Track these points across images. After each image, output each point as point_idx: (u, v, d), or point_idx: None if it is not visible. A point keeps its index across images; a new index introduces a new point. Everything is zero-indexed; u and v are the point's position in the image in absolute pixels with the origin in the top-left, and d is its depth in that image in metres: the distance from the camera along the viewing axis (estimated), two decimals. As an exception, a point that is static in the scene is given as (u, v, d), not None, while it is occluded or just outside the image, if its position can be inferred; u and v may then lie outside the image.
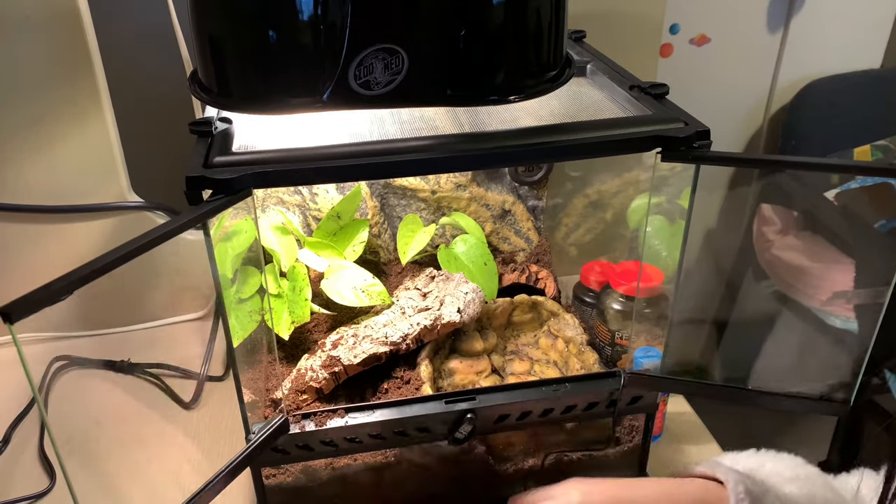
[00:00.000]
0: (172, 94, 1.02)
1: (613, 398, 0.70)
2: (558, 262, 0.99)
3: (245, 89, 0.55)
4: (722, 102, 1.70)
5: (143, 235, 0.46)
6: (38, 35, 0.84)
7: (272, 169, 0.53)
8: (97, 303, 1.00)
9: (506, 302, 0.83)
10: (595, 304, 0.88)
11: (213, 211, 0.50)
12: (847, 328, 1.41)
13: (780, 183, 1.63)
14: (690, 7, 1.56)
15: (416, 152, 0.55)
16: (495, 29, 0.54)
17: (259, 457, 0.64)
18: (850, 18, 1.67)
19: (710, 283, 1.73)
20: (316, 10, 0.51)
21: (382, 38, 0.52)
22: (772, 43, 1.67)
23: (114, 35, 0.95)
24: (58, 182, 0.93)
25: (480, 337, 0.80)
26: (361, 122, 0.61)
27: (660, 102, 0.63)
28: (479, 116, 0.62)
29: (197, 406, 0.90)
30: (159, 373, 0.95)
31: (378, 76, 0.53)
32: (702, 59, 1.63)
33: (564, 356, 0.81)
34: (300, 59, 0.53)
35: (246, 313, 0.70)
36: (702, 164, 0.57)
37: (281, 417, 0.65)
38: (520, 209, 0.96)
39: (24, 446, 0.84)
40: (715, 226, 1.82)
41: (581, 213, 1.01)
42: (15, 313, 0.39)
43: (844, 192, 1.50)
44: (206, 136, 0.57)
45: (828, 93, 1.68)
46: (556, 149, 0.58)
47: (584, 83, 0.72)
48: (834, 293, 1.41)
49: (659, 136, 0.57)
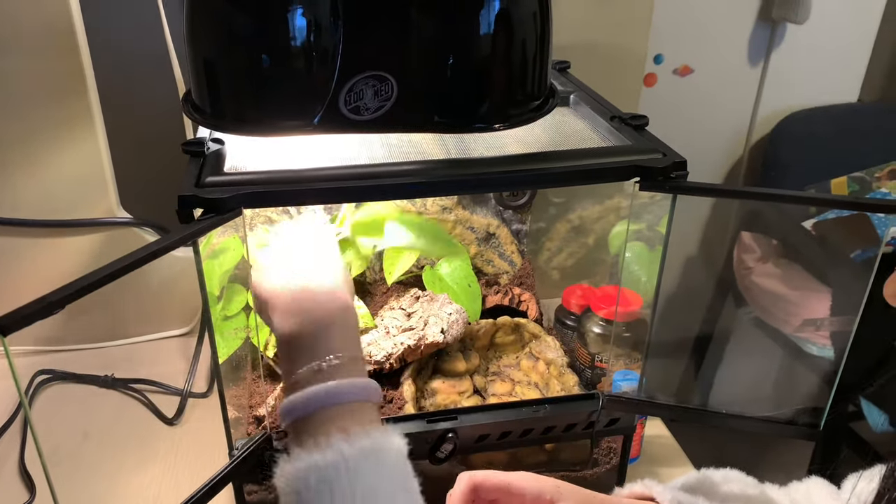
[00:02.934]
0: (163, 113, 1.03)
1: (591, 420, 0.71)
2: (541, 285, 1.01)
3: (238, 111, 0.57)
4: (704, 132, 1.74)
5: (137, 251, 0.47)
6: (32, 51, 0.86)
7: (263, 190, 0.54)
8: (81, 317, 1.00)
9: (489, 323, 0.85)
10: (576, 328, 0.89)
11: (204, 229, 0.52)
12: (823, 355, 1.44)
13: (759, 211, 1.66)
14: (674, 38, 1.60)
15: (404, 176, 0.57)
16: (482, 59, 0.56)
17: (242, 473, 0.65)
18: (829, 53, 1.72)
19: (690, 309, 1.75)
20: (309, 37, 0.53)
21: (373, 66, 0.54)
22: (753, 75, 1.71)
23: (108, 53, 0.96)
24: (47, 196, 0.93)
25: (463, 357, 0.82)
26: (351, 146, 0.62)
27: (639, 133, 0.65)
28: (466, 142, 0.64)
29: (180, 422, 0.91)
30: (142, 388, 0.95)
31: (368, 102, 0.55)
32: (685, 90, 1.66)
33: (545, 378, 0.82)
34: (293, 83, 0.54)
35: (231, 330, 0.71)
36: (678, 195, 0.59)
37: (264, 434, 0.66)
38: (504, 233, 0.98)
39: (4, 461, 0.84)
40: (696, 252, 1.85)
41: (563, 238, 1.03)
42: (8, 326, 0.40)
43: (821, 223, 1.53)
44: (198, 156, 0.59)
45: (807, 125, 1.72)
46: (539, 176, 0.60)
47: (567, 113, 0.74)
48: (804, 320, 1.43)
49: (637, 166, 0.59)
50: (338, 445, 0.45)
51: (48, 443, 0.86)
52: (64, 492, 0.48)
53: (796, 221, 1.56)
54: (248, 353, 0.71)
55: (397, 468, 0.47)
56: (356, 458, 0.45)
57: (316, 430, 0.48)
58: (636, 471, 0.84)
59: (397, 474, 0.47)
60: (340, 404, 0.49)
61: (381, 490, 0.45)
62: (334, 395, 0.49)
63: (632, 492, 0.61)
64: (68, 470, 0.82)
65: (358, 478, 0.45)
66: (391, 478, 0.47)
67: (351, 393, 0.49)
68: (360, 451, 0.46)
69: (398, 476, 0.47)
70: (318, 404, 0.48)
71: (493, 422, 0.70)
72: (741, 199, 1.41)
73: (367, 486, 0.45)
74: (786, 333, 1.50)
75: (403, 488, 0.47)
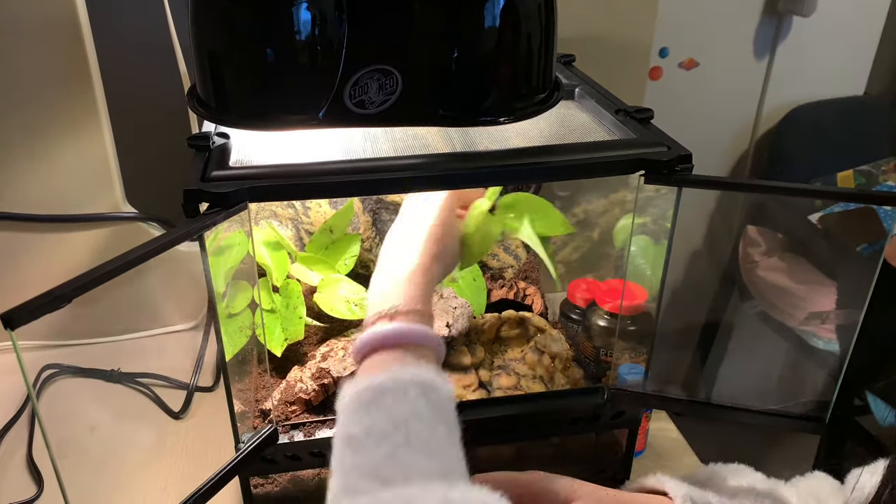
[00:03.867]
0: (168, 107, 1.03)
1: (597, 413, 0.71)
2: (546, 279, 1.01)
3: (243, 106, 0.57)
4: (710, 125, 1.73)
5: (143, 245, 0.47)
6: (37, 45, 0.86)
7: (268, 184, 0.54)
8: (87, 312, 1.01)
9: (494, 317, 0.85)
10: (581, 321, 0.89)
11: (210, 223, 0.52)
12: (829, 349, 1.44)
13: (765, 205, 1.66)
14: (680, 32, 1.59)
15: (409, 170, 0.57)
16: (487, 53, 0.56)
17: (248, 466, 0.65)
18: (835, 46, 1.71)
19: (695, 302, 1.75)
20: (314, 31, 0.53)
21: (378, 60, 0.54)
22: (758, 68, 1.70)
23: (113, 47, 0.96)
24: (53, 191, 0.94)
25: (468, 351, 0.82)
26: (355, 140, 0.62)
27: (644, 126, 0.65)
28: (470, 136, 0.64)
29: (186, 416, 0.91)
30: (149, 383, 0.95)
31: (373, 96, 0.55)
32: (690, 83, 1.66)
33: (550, 372, 0.82)
34: (297, 77, 0.54)
35: (236, 328, 0.71)
36: (683, 188, 0.59)
37: (270, 428, 0.66)
38: (509, 227, 0.97)
39: (12, 455, 0.84)
40: (701, 246, 1.84)
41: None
42: (16, 319, 0.40)
43: (828, 216, 1.53)
44: (203, 150, 0.59)
45: (813, 118, 1.72)
46: (544, 169, 0.60)
47: (572, 106, 0.74)
48: (810, 314, 1.43)
49: (642, 160, 0.59)
50: (393, 370, 0.48)
51: (55, 436, 0.87)
52: (72, 485, 0.48)
53: (802, 215, 1.55)
54: (255, 347, 0.71)
55: (443, 404, 0.49)
56: (406, 383, 0.47)
57: (378, 364, 0.51)
58: (641, 464, 0.84)
59: (443, 409, 0.48)
60: (403, 345, 0.52)
61: (425, 417, 0.46)
62: (399, 335, 0.52)
63: (642, 486, 0.61)
64: (76, 463, 0.82)
65: (405, 399, 0.47)
66: (437, 410, 0.48)
67: (414, 335, 0.52)
68: (412, 377, 0.48)
69: (443, 411, 0.48)
70: (383, 342, 0.52)
71: (498, 416, 0.70)
72: (746, 191, 1.40)
73: (411, 409, 0.46)
74: (791, 327, 1.50)
75: (445, 422, 0.48)
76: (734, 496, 0.60)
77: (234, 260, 0.63)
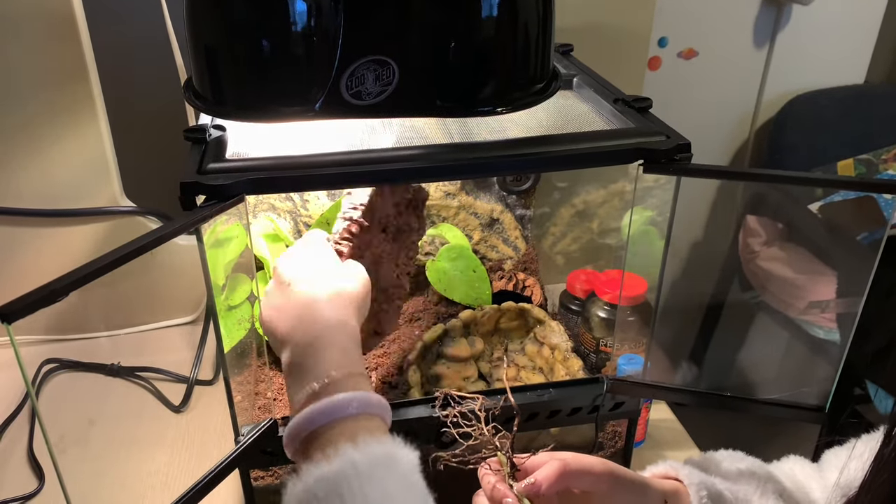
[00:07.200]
0: (165, 101, 1.03)
1: (596, 404, 0.71)
2: (545, 270, 1.01)
3: (239, 98, 0.57)
4: (709, 115, 1.73)
5: (140, 238, 0.47)
6: (34, 39, 0.85)
7: (265, 176, 0.54)
8: (87, 306, 1.01)
9: (493, 309, 0.85)
10: (580, 312, 0.89)
11: (207, 216, 0.52)
12: (829, 338, 1.44)
13: (765, 195, 1.65)
14: (678, 21, 1.58)
15: (406, 161, 0.56)
16: (484, 42, 0.56)
17: (248, 459, 0.65)
18: (835, 35, 1.70)
19: (695, 293, 1.75)
20: (309, 21, 0.52)
21: (374, 50, 0.54)
22: (758, 57, 1.69)
23: (109, 41, 0.96)
24: (51, 186, 0.93)
25: (467, 343, 0.82)
26: (353, 131, 0.62)
27: (643, 116, 0.65)
28: (468, 126, 0.63)
29: (186, 409, 0.91)
30: (149, 376, 0.95)
31: (369, 87, 0.55)
32: (689, 73, 1.65)
33: (550, 362, 0.82)
34: (293, 69, 0.54)
35: (235, 321, 0.71)
36: (682, 177, 0.59)
37: (270, 420, 0.66)
38: (508, 218, 0.97)
39: (12, 449, 0.85)
40: (702, 236, 1.84)
41: (568, 223, 1.02)
42: (13, 314, 0.40)
43: (828, 205, 1.52)
44: (200, 142, 0.59)
45: (812, 107, 1.71)
46: (542, 159, 0.59)
47: (570, 96, 0.74)
48: (810, 303, 1.43)
49: (641, 149, 0.59)
50: (347, 453, 0.43)
51: (56, 431, 0.87)
52: (72, 479, 0.48)
53: (802, 204, 1.55)
54: (254, 340, 0.71)
55: (412, 477, 0.44)
56: (367, 463, 0.43)
57: (323, 445, 0.45)
58: (641, 454, 0.84)
59: (413, 484, 0.44)
60: (345, 418, 0.46)
61: (398, 497, 0.42)
62: (338, 408, 0.46)
63: (654, 473, 0.61)
64: (76, 457, 0.83)
65: (371, 483, 0.42)
66: (407, 487, 0.43)
67: (354, 405, 0.47)
68: (371, 456, 0.43)
69: (414, 486, 0.44)
70: (321, 420, 0.46)
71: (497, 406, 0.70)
72: (746, 180, 1.40)
73: (381, 492, 0.41)
74: (791, 317, 1.50)
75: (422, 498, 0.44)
76: (737, 481, 0.60)
77: (234, 253, 0.63)
